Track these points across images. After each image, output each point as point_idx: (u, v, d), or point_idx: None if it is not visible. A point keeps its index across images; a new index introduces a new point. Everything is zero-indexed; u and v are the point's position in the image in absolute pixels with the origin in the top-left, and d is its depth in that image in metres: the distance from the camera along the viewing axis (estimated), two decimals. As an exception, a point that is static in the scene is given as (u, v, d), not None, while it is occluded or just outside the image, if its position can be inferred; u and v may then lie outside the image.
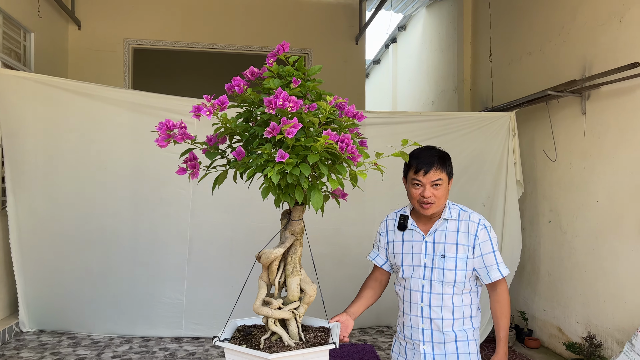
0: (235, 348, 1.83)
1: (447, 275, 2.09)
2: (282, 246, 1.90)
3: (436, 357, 2.11)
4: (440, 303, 2.10)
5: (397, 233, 2.24)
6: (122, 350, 4.31)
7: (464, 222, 2.14)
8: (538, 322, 4.90)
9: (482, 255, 2.10)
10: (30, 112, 4.43)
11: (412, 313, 2.15)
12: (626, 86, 3.83)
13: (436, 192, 2.08)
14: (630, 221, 3.80)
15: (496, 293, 2.14)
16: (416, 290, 2.14)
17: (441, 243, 2.13)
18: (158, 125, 1.72)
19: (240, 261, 4.57)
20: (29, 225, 4.54)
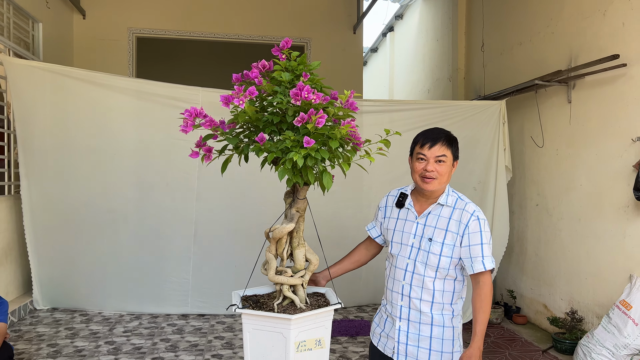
0: (258, 313, 2.05)
1: (430, 258, 2.12)
2: (292, 222, 2.13)
3: (409, 335, 2.15)
4: (421, 284, 2.13)
5: (395, 210, 2.29)
6: (132, 326, 4.57)
7: (458, 211, 2.14)
8: (525, 299, 5.18)
9: (469, 245, 2.09)
10: (41, 99, 4.63)
11: (394, 289, 2.21)
12: (608, 76, 4.05)
13: (439, 168, 2.10)
14: (610, 204, 4.05)
15: (478, 286, 2.10)
16: (401, 268, 2.18)
17: (431, 227, 2.15)
18: (185, 112, 1.90)
19: (243, 242, 4.81)
20: (41, 209, 4.76)
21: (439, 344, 2.13)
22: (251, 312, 2.06)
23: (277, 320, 2.03)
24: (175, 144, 4.77)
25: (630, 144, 3.83)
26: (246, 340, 2.07)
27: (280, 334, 2.05)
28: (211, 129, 1.94)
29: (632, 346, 3.53)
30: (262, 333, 2.05)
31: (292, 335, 2.01)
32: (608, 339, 3.66)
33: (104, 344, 4.13)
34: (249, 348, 2.06)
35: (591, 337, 3.81)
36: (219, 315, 4.91)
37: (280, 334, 2.05)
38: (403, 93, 9.72)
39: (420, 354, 2.14)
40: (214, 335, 4.38)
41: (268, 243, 2.28)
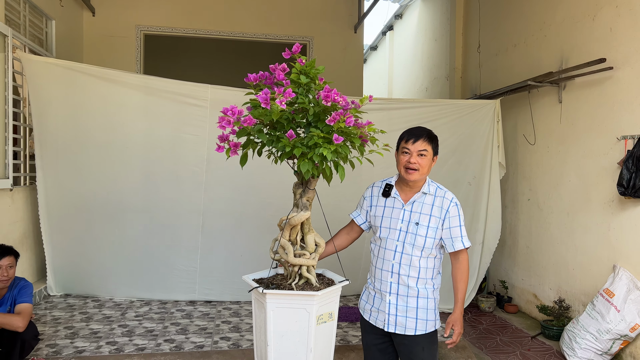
0: (285, 292, 2.32)
1: (417, 240, 2.43)
2: (308, 210, 2.40)
3: (398, 307, 2.45)
4: (409, 262, 2.44)
5: (381, 199, 2.58)
6: (143, 311, 4.81)
7: (439, 198, 2.48)
8: (517, 290, 5.44)
9: (450, 227, 2.45)
10: (56, 94, 4.84)
11: (383, 268, 2.49)
12: (596, 79, 4.29)
13: (420, 161, 2.42)
14: (596, 199, 4.30)
15: (458, 261, 2.49)
16: (390, 250, 2.47)
17: (417, 212, 2.47)
18: (225, 109, 2.12)
19: (249, 233, 5.04)
20: (56, 199, 4.98)
21: (424, 313, 2.46)
22: (278, 292, 2.31)
23: (302, 298, 2.31)
24: (184, 138, 5.00)
25: (615, 143, 4.08)
26: (269, 318, 2.30)
27: (304, 310, 2.33)
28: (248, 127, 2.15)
29: (614, 331, 3.78)
30: (286, 310, 2.31)
31: (314, 310, 2.31)
32: (592, 325, 3.92)
33: (118, 327, 4.36)
34: (272, 325, 2.30)
35: (576, 323, 4.07)
36: (225, 302, 5.15)
37: (304, 309, 2.33)
38: (402, 91, 9.95)
39: (408, 322, 2.45)
40: (221, 320, 4.62)
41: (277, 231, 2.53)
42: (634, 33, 3.91)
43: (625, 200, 3.97)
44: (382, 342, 2.58)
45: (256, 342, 2.52)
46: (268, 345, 2.34)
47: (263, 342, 2.38)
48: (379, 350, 2.60)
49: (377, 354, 2.60)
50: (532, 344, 4.46)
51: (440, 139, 2.58)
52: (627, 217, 3.97)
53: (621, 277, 3.90)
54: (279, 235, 2.51)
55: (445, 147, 5.30)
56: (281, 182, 4.07)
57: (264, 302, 2.33)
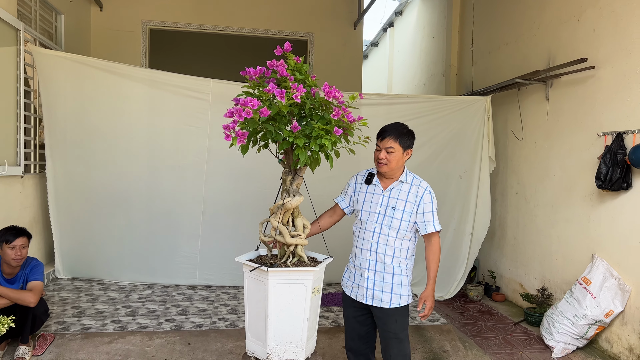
0: (287, 270, 2.57)
1: (394, 222, 2.74)
2: (300, 195, 2.65)
3: (376, 282, 2.76)
4: (385, 242, 2.75)
5: (363, 186, 2.90)
6: (146, 294, 5.06)
7: (415, 187, 2.79)
8: (504, 279, 5.66)
9: (423, 212, 2.76)
10: (65, 87, 5.07)
11: (363, 247, 2.80)
12: (580, 77, 4.49)
13: (388, 156, 2.73)
14: (578, 192, 4.50)
15: (430, 243, 2.80)
16: (369, 231, 2.79)
17: (394, 198, 2.78)
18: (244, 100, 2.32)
19: (247, 220, 5.26)
20: (64, 187, 5.23)
21: (398, 288, 2.76)
22: (281, 269, 2.57)
23: (302, 273, 2.58)
24: (186, 130, 5.22)
25: (596, 139, 4.28)
26: (271, 294, 2.54)
27: (302, 284, 2.59)
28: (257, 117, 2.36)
29: (590, 317, 4.00)
30: (286, 286, 2.57)
31: (310, 284, 2.57)
32: (569, 311, 4.14)
33: (122, 307, 4.61)
34: (273, 300, 2.55)
35: (555, 309, 4.29)
36: (224, 287, 5.39)
37: (302, 284, 2.59)
38: (401, 86, 10.14)
39: (384, 296, 2.75)
40: (220, 303, 4.86)
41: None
42: (615, 34, 4.10)
43: (603, 193, 4.17)
44: (360, 314, 2.87)
45: (251, 318, 2.72)
46: (269, 319, 2.57)
47: (263, 317, 2.59)
48: (357, 322, 2.89)
49: (355, 325, 2.90)
50: (515, 329, 4.69)
51: (433, 133, 2.84)
52: (605, 209, 4.17)
53: (598, 266, 4.12)
54: (271, 218, 2.73)
55: (438, 141, 5.53)
56: (277, 173, 4.29)
57: (265, 279, 2.55)
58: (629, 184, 3.91)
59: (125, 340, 3.90)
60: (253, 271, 2.61)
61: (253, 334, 2.72)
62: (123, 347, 3.82)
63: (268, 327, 2.59)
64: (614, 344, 4.06)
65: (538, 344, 4.33)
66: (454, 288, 5.49)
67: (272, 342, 2.59)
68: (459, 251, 5.53)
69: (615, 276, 3.99)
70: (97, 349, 3.77)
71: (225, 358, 3.78)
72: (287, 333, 2.61)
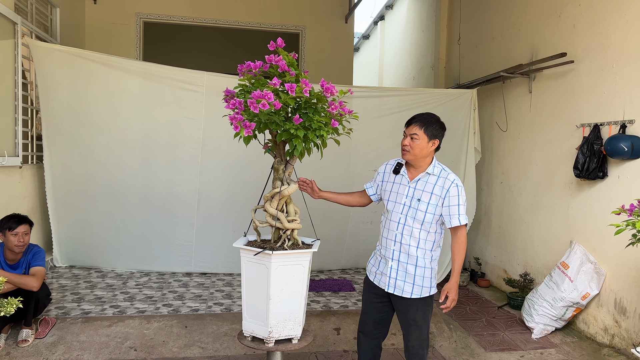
0: (289, 252, 2.74)
1: (418, 214, 2.72)
2: (294, 183, 2.82)
3: (399, 272, 2.78)
4: (410, 233, 2.74)
5: (392, 175, 2.90)
6: (143, 281, 5.21)
7: (442, 179, 2.73)
8: (489, 266, 5.87)
9: (449, 206, 2.68)
10: (61, 79, 5.17)
11: (389, 237, 2.82)
12: (560, 71, 4.68)
13: (412, 143, 2.71)
14: (558, 181, 4.71)
15: (456, 236, 2.74)
16: (394, 221, 2.79)
17: (420, 190, 2.74)
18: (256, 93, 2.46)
19: (240, 210, 5.41)
20: (61, 177, 5.35)
21: (420, 280, 2.77)
22: (284, 252, 2.73)
23: (301, 255, 2.76)
24: (181, 121, 5.35)
25: (575, 130, 4.48)
26: (272, 276, 2.70)
27: (300, 265, 2.76)
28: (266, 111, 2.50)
29: (567, 299, 4.21)
30: (286, 267, 2.74)
31: (307, 264, 2.75)
32: (548, 294, 4.35)
33: (120, 293, 4.77)
34: (274, 281, 2.71)
35: (535, 293, 4.50)
36: (219, 274, 5.56)
37: (300, 265, 2.76)
38: (391, 79, 10.30)
39: (406, 287, 2.78)
40: (215, 289, 5.03)
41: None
42: (593, 29, 4.29)
43: (581, 182, 4.38)
44: (379, 301, 2.93)
45: (249, 300, 2.84)
46: (270, 299, 2.71)
47: (264, 297, 2.74)
48: (375, 309, 2.96)
49: (372, 311, 2.97)
50: (498, 313, 4.90)
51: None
52: (583, 197, 4.38)
53: (576, 251, 4.33)
54: (267, 205, 2.89)
55: (424, 132, 5.70)
56: (267, 163, 4.44)
57: (267, 262, 2.69)
58: (604, 173, 4.12)
59: (125, 323, 4.06)
60: (255, 255, 2.75)
61: (251, 315, 2.86)
62: (122, 330, 3.98)
63: (270, 307, 2.72)
64: (590, 324, 4.28)
65: (519, 326, 4.55)
66: (440, 274, 5.68)
67: (273, 321, 2.75)
68: (446, 238, 5.72)
69: (592, 260, 4.21)
70: (97, 331, 3.93)
71: (221, 340, 3.96)
72: (287, 311, 2.77)
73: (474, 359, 3.93)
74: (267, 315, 2.74)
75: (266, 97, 2.43)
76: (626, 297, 3.93)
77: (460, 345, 4.17)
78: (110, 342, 3.84)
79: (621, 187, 3.96)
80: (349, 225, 5.88)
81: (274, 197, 2.86)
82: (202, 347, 3.89)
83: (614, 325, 4.03)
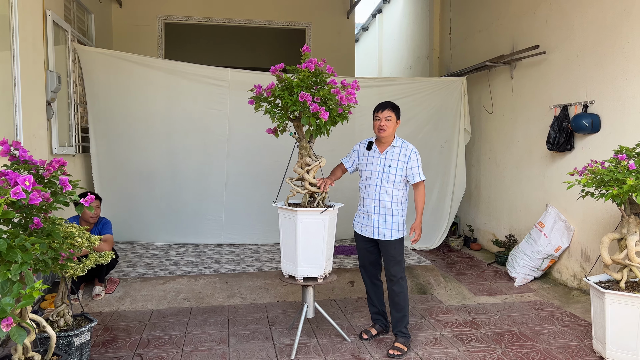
0: (334, 208, 3.55)
1: (390, 177, 3.64)
2: (322, 158, 3.61)
3: (380, 222, 3.66)
4: (386, 192, 3.65)
5: (365, 151, 3.81)
6: (181, 251, 6.05)
7: (404, 149, 3.69)
8: (480, 232, 6.72)
9: (411, 167, 3.66)
10: (104, 78, 5.96)
11: (369, 197, 3.72)
12: (535, 60, 5.48)
13: (387, 124, 3.61)
14: (536, 154, 5.52)
15: (417, 189, 3.71)
16: (373, 184, 3.69)
17: (389, 159, 3.68)
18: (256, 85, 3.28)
19: (263, 188, 6.23)
20: (106, 164, 6.16)
21: (397, 225, 3.70)
22: (331, 209, 3.58)
23: (332, 211, 3.56)
24: (210, 112, 6.16)
25: (548, 110, 5.29)
26: (300, 230, 3.52)
27: (321, 221, 3.55)
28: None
29: (543, 252, 5.05)
30: (311, 222, 3.54)
31: (327, 219, 3.55)
32: (528, 249, 5.19)
33: (165, 260, 5.60)
34: (302, 234, 3.52)
35: (517, 248, 5.34)
36: (246, 244, 6.40)
37: (321, 220, 3.55)
38: (390, 68, 11.07)
39: (386, 232, 3.69)
40: (245, 255, 5.87)
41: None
42: (562, 24, 5.08)
43: (553, 154, 5.20)
44: (370, 246, 3.84)
45: (285, 248, 3.70)
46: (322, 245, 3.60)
47: (293, 244, 3.59)
48: (367, 251, 3.86)
49: (366, 254, 3.88)
50: (487, 268, 5.75)
51: (418, 109, 3.78)
52: (555, 167, 5.20)
53: (550, 212, 5.16)
54: (307, 176, 3.66)
55: (422, 116, 6.52)
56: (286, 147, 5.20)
57: (320, 217, 3.54)
58: (572, 146, 4.94)
59: (176, 281, 4.90)
60: (282, 212, 3.61)
61: (289, 257, 3.70)
62: (175, 286, 4.83)
63: (298, 249, 3.57)
64: (562, 273, 5.13)
65: (504, 277, 5.40)
66: (437, 239, 6.54)
67: (301, 260, 3.60)
68: (442, 209, 6.57)
69: (563, 219, 5.04)
70: (154, 288, 4.77)
71: (257, 291, 4.80)
72: (310, 256, 3.62)
73: (466, 302, 4.78)
74: (321, 257, 3.62)
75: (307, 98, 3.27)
76: (590, 247, 4.77)
77: (454, 292, 5.01)
78: (166, 295, 4.68)
79: (585, 156, 4.77)
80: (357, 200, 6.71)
81: (311, 169, 3.65)
82: (242, 297, 4.73)
83: (581, 271, 4.87)
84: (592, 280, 3.60)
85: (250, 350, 3.65)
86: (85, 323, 3.42)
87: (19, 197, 2.06)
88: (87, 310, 4.31)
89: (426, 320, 4.25)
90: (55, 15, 5.24)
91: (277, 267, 5.34)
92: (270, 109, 3.56)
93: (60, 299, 3.38)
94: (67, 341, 3.23)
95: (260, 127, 4.21)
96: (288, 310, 4.48)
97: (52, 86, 4.87)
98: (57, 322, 3.33)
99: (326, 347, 3.70)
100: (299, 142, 3.72)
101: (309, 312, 3.75)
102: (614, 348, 3.33)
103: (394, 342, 3.67)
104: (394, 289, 3.73)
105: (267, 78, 4.19)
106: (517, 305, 4.64)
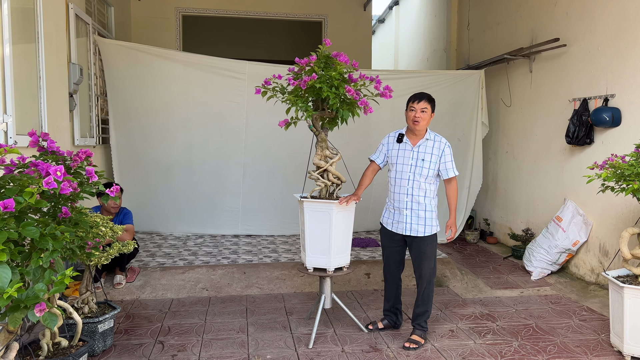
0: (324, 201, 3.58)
1: (423, 171, 3.54)
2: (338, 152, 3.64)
3: (412, 218, 3.57)
4: (418, 186, 3.55)
5: (395, 144, 3.68)
6: (199, 241, 6.14)
7: (437, 142, 3.58)
8: (496, 225, 6.70)
9: (445, 162, 3.56)
10: (124, 70, 6.03)
11: (400, 192, 3.64)
12: (555, 53, 5.43)
13: (422, 115, 3.50)
14: (555, 148, 5.49)
15: (450, 185, 3.62)
16: (405, 179, 3.58)
17: (422, 152, 3.57)
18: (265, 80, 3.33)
19: (280, 180, 6.29)
20: (126, 155, 6.25)
21: (430, 221, 3.62)
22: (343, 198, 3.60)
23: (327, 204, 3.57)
24: (228, 105, 6.21)
25: (568, 104, 5.25)
26: (334, 222, 3.56)
27: (327, 213, 3.58)
28: None
29: (560, 246, 5.04)
30: (343, 213, 3.57)
31: (335, 211, 3.56)
32: (545, 242, 5.18)
33: (184, 250, 5.69)
34: (336, 226, 3.56)
35: (534, 242, 5.33)
36: (262, 235, 6.47)
37: (327, 212, 3.58)
38: (406, 61, 11.02)
39: (419, 228, 3.61)
40: (262, 246, 5.94)
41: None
42: (583, 17, 5.02)
43: (572, 148, 5.16)
44: (396, 245, 3.76)
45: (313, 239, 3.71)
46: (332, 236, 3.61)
47: (326, 237, 3.60)
48: (394, 251, 3.79)
49: (392, 253, 3.80)
50: (503, 262, 5.75)
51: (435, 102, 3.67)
52: (574, 161, 5.17)
53: (568, 206, 5.13)
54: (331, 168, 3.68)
55: (439, 109, 6.43)
56: (302, 140, 5.23)
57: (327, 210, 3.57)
58: (591, 140, 4.90)
59: (194, 271, 4.98)
60: (299, 202, 3.65)
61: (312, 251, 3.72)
62: (194, 276, 4.91)
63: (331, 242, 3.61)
64: (580, 267, 5.11)
65: (521, 271, 5.39)
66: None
67: (334, 252, 3.66)
68: (458, 202, 6.53)
69: (581, 213, 5.01)
70: (174, 277, 4.85)
71: (274, 282, 4.86)
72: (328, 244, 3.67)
73: (482, 295, 4.79)
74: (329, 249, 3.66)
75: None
76: (608, 242, 4.74)
77: (471, 285, 5.03)
78: (185, 285, 4.76)
79: (605, 150, 4.73)
80: (373, 193, 6.72)
81: (334, 162, 3.68)
82: (259, 287, 4.80)
83: (599, 266, 4.85)
84: (610, 274, 3.59)
85: (268, 339, 3.71)
86: (108, 310, 3.51)
87: (51, 187, 2.13)
88: (109, 298, 4.41)
89: (442, 313, 4.27)
90: (77, 8, 5.32)
91: (294, 259, 5.39)
92: (299, 100, 3.55)
93: (85, 287, 3.47)
94: (91, 327, 3.32)
95: (276, 120, 4.26)
96: (305, 301, 4.54)
97: (75, 78, 4.95)
98: (82, 309, 3.42)
99: (343, 337, 3.75)
100: (317, 135, 3.74)
101: (327, 303, 3.80)
102: (632, 342, 3.32)
103: (411, 334, 3.69)
104: (423, 285, 3.68)
105: (284, 71, 4.22)
106: (533, 299, 4.64)
